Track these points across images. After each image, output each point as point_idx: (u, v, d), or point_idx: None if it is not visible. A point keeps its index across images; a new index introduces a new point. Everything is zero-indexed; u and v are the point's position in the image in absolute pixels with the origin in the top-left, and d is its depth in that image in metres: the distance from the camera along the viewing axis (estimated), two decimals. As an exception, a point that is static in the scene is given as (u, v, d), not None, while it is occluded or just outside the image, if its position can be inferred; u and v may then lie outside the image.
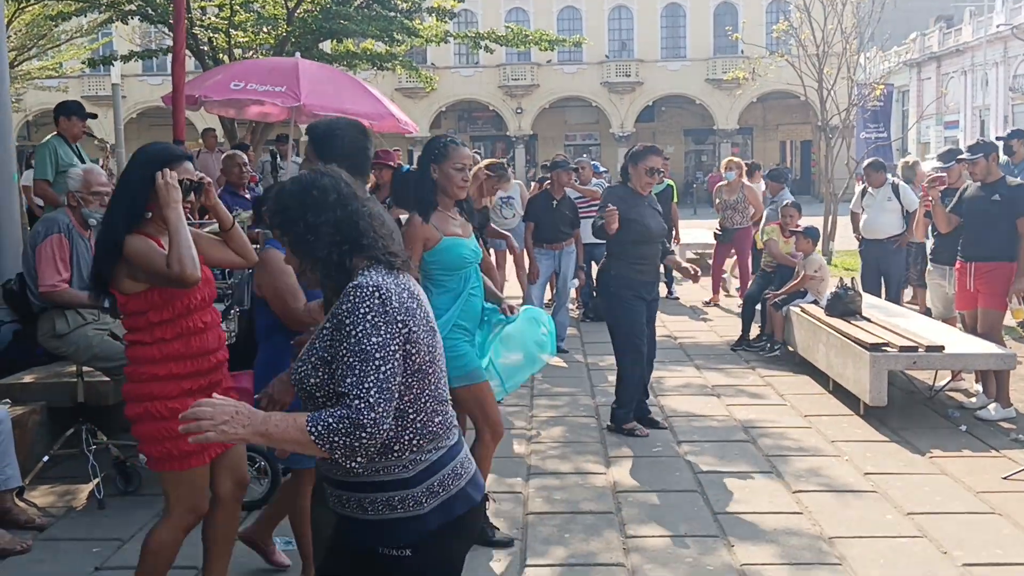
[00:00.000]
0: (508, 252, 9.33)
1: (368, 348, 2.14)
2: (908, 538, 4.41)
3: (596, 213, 6.14)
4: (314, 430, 2.09)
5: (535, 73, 43.63)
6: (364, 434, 2.09)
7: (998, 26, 37.69)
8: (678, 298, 11.83)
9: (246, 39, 14.58)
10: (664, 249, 6.30)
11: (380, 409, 2.11)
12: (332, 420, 2.10)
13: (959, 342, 6.58)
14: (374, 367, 2.13)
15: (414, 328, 2.23)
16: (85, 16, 17.25)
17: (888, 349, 6.35)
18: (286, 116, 9.02)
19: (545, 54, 22.80)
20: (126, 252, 3.20)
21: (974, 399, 6.74)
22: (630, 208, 5.94)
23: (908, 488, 5.06)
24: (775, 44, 21.60)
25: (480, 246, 4.49)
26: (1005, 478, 5.17)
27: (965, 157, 6.81)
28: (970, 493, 4.98)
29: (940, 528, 4.50)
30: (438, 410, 2.32)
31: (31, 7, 18.26)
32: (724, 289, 12.21)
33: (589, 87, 43.99)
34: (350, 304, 2.18)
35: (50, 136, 7.36)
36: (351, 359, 2.14)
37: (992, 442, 5.87)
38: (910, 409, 6.68)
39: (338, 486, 2.30)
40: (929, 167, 9.01)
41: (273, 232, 2.39)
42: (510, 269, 10.17)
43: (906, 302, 9.71)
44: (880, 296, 8.85)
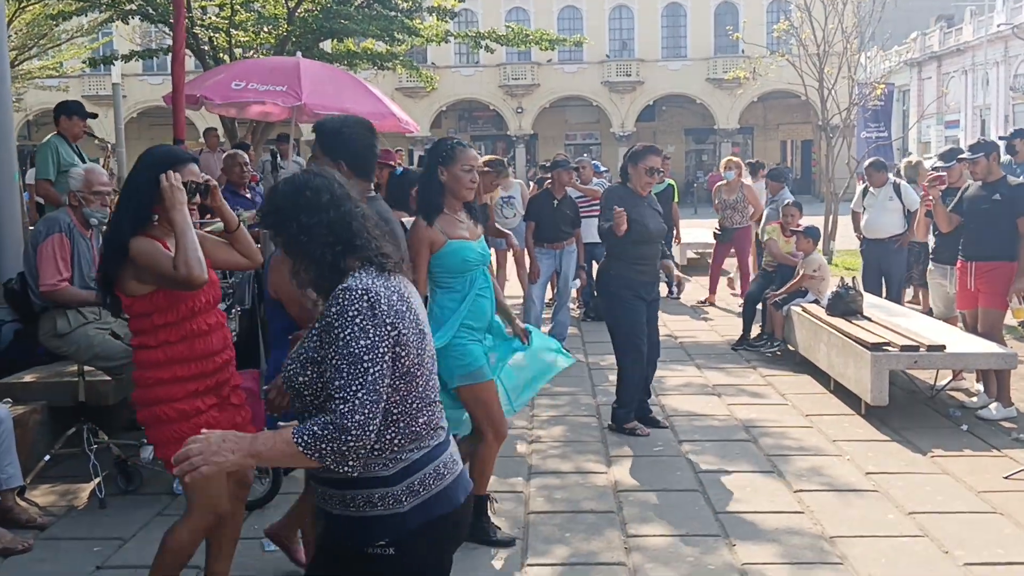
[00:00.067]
0: (509, 251, 9.33)
1: (356, 351, 2.14)
2: (909, 537, 4.41)
3: (597, 213, 6.14)
4: (301, 441, 2.11)
5: (535, 72, 43.64)
6: (350, 437, 2.10)
7: (999, 25, 37.73)
8: (679, 298, 11.83)
9: (247, 39, 14.57)
10: (662, 252, 6.31)
11: (367, 411, 2.12)
12: (317, 428, 2.11)
13: (960, 341, 6.58)
14: (362, 370, 2.14)
15: (403, 331, 2.23)
16: (85, 15, 17.23)
17: (889, 348, 6.35)
18: (287, 116, 9.01)
19: (546, 53, 22.76)
20: (132, 254, 3.21)
21: (975, 398, 6.74)
22: (630, 208, 5.94)
23: (909, 488, 5.06)
24: (776, 44, 21.59)
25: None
26: (1006, 477, 5.17)
27: (966, 156, 6.82)
28: (971, 493, 4.98)
29: (941, 528, 4.50)
30: (424, 411, 2.31)
31: (32, 6, 18.30)
32: (730, 286, 12.21)
33: (590, 86, 43.99)
34: (339, 307, 2.18)
35: (51, 135, 7.34)
36: (339, 362, 2.15)
37: (993, 442, 5.87)
38: (911, 409, 6.68)
39: (321, 482, 2.32)
40: (929, 165, 9.00)
41: (266, 231, 2.40)
42: (511, 268, 10.19)
43: (907, 302, 9.70)
44: (881, 296, 8.85)
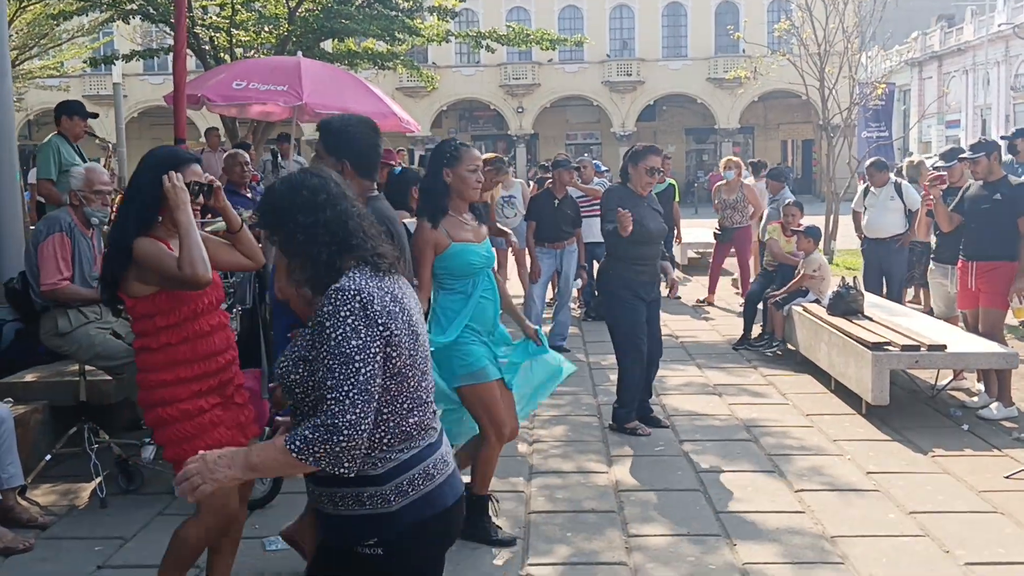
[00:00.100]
0: (509, 251, 9.34)
1: (348, 351, 2.15)
2: (910, 537, 4.40)
3: (599, 214, 6.15)
4: (293, 447, 2.12)
5: (536, 72, 43.63)
6: (342, 437, 2.10)
7: (999, 25, 37.73)
8: (680, 297, 11.83)
9: (248, 38, 14.58)
10: (661, 252, 6.32)
11: (358, 411, 2.12)
12: (308, 432, 2.12)
13: (961, 341, 6.58)
14: (353, 370, 2.14)
15: (395, 332, 2.23)
16: (86, 15, 17.24)
17: (890, 348, 6.35)
18: (288, 115, 9.02)
19: (546, 53, 22.72)
20: (136, 255, 3.22)
21: (976, 398, 6.74)
22: (630, 208, 5.93)
23: (910, 487, 5.06)
24: (777, 43, 21.58)
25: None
26: (1007, 477, 5.17)
27: (967, 156, 6.81)
28: (972, 492, 4.98)
29: (942, 527, 4.49)
30: (415, 411, 2.31)
31: (32, 6, 18.31)
32: (735, 286, 12.21)
33: (590, 86, 43.98)
34: (331, 307, 2.19)
35: (52, 135, 7.34)
36: (331, 362, 2.15)
37: (994, 441, 5.87)
38: (912, 408, 6.68)
39: (312, 481, 2.33)
40: (931, 165, 9.01)
41: (262, 230, 2.40)
42: (511, 268, 10.20)
43: (908, 301, 9.70)
44: (882, 295, 8.84)
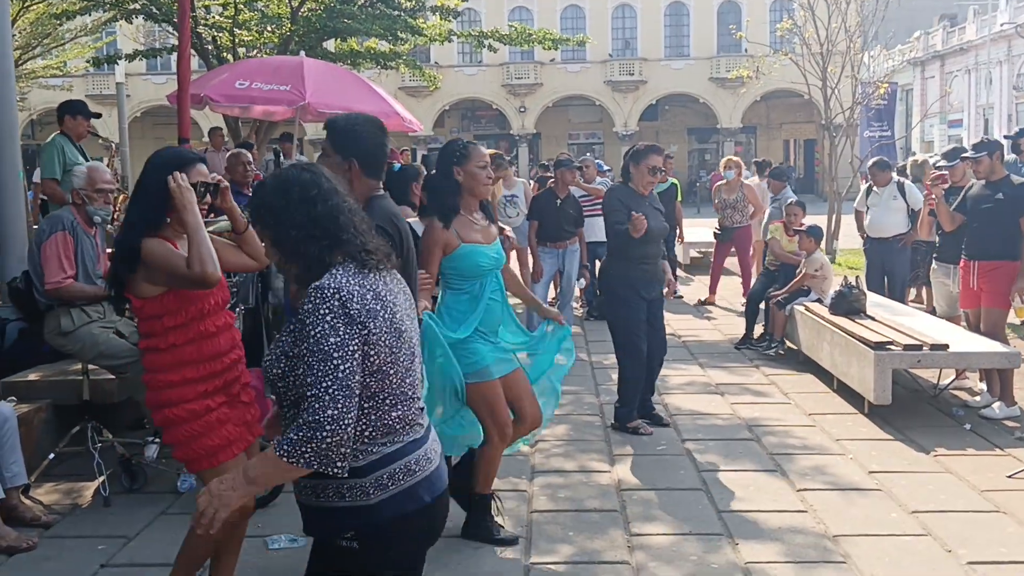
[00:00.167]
0: (510, 250, 9.35)
1: (327, 348, 2.17)
2: (912, 536, 4.41)
3: (600, 213, 6.14)
4: (282, 452, 2.15)
5: (538, 72, 43.60)
6: (325, 433, 2.13)
7: (1002, 25, 37.67)
8: (681, 297, 11.83)
9: (250, 38, 14.58)
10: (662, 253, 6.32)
11: (339, 406, 2.14)
12: (293, 435, 2.15)
13: (963, 340, 6.58)
14: (332, 367, 2.16)
15: (374, 330, 2.25)
16: (89, 15, 17.24)
17: (892, 348, 6.35)
18: (291, 115, 9.03)
19: (548, 53, 22.70)
20: (144, 255, 3.23)
21: (978, 398, 6.74)
22: (632, 208, 5.93)
23: (912, 486, 5.06)
24: (779, 43, 21.57)
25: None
26: (1010, 476, 5.17)
27: (969, 155, 6.81)
28: (974, 491, 4.98)
29: (944, 526, 4.50)
30: (398, 406, 2.32)
31: (36, 6, 18.33)
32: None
33: (592, 86, 43.94)
34: (311, 305, 2.22)
35: (55, 135, 7.35)
36: (311, 359, 2.18)
37: (996, 441, 5.87)
38: (914, 408, 6.67)
39: None
40: (933, 163, 9.00)
41: (254, 227, 2.41)
42: (513, 267, 10.20)
43: (910, 301, 9.69)
44: (884, 295, 8.84)
